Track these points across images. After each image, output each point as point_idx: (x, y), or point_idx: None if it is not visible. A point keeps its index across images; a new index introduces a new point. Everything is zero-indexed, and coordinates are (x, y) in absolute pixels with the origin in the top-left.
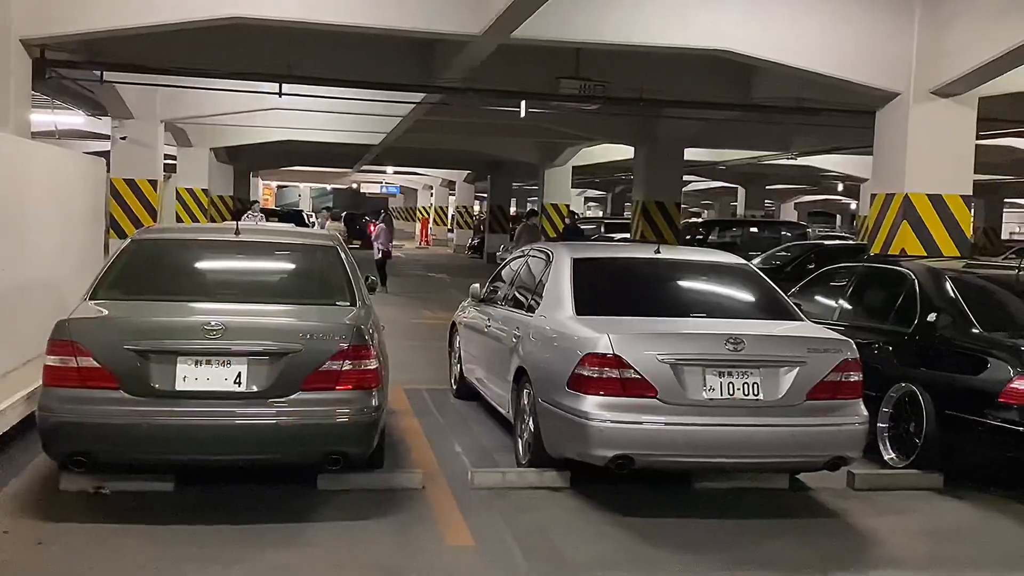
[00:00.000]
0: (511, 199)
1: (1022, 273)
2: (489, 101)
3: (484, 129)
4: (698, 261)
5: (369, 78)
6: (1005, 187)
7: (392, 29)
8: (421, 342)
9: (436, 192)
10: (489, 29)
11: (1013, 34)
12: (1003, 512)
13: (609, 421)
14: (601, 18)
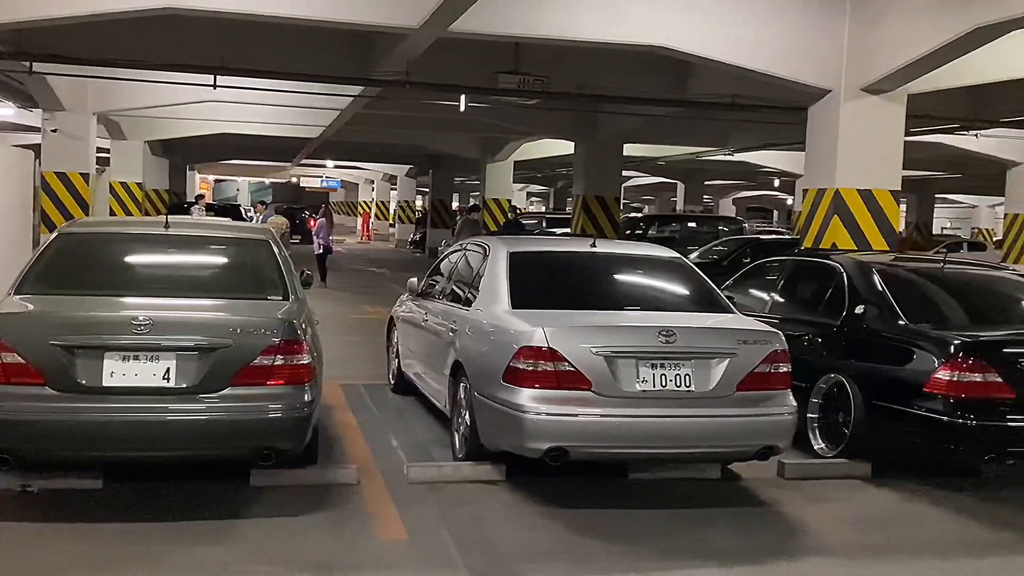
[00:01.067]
0: (453, 194)
1: (947, 267)
2: (428, 95)
3: (425, 123)
4: (633, 255)
5: (306, 71)
6: (935, 183)
7: (328, 21)
8: (360, 337)
9: (378, 186)
10: (426, 22)
11: (939, 32)
12: (928, 500)
13: (544, 414)
14: (539, 13)
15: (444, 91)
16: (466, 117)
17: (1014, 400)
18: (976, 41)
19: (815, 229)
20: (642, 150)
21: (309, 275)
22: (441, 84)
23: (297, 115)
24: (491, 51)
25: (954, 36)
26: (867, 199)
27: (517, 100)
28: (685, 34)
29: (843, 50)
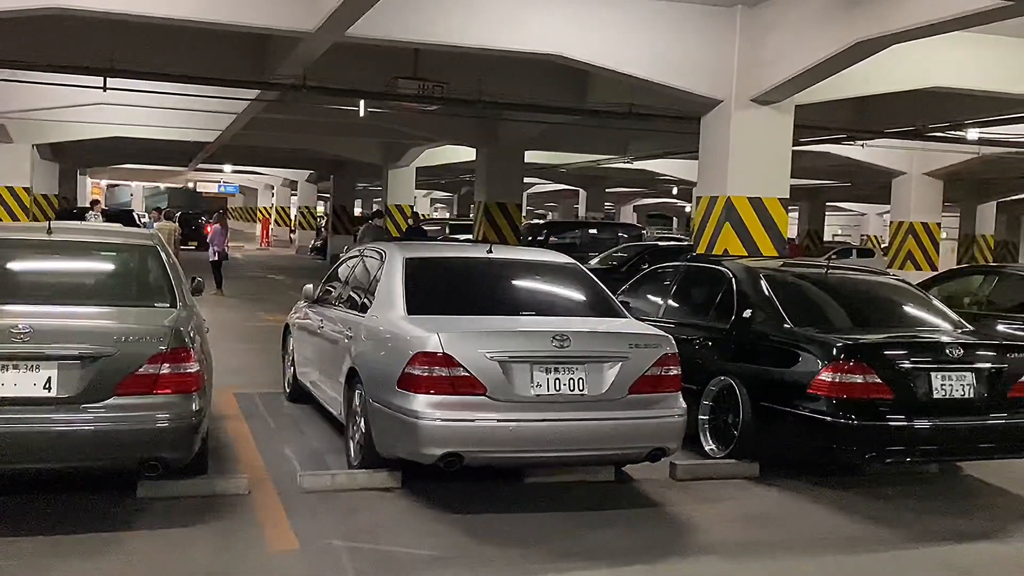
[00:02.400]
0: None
1: (830, 272)
2: (326, 99)
3: (325, 128)
4: (529, 261)
5: (201, 73)
6: (826, 191)
7: (223, 24)
8: (256, 345)
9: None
10: (323, 26)
11: (824, 46)
12: (812, 498)
13: (439, 419)
14: (437, 19)
15: (343, 96)
16: (367, 122)
17: (893, 400)
18: (858, 54)
19: (708, 235)
20: (544, 157)
21: (200, 282)
22: (339, 89)
23: (192, 118)
24: (390, 56)
25: (837, 50)
26: (757, 206)
27: (417, 106)
28: (581, 43)
29: (734, 62)
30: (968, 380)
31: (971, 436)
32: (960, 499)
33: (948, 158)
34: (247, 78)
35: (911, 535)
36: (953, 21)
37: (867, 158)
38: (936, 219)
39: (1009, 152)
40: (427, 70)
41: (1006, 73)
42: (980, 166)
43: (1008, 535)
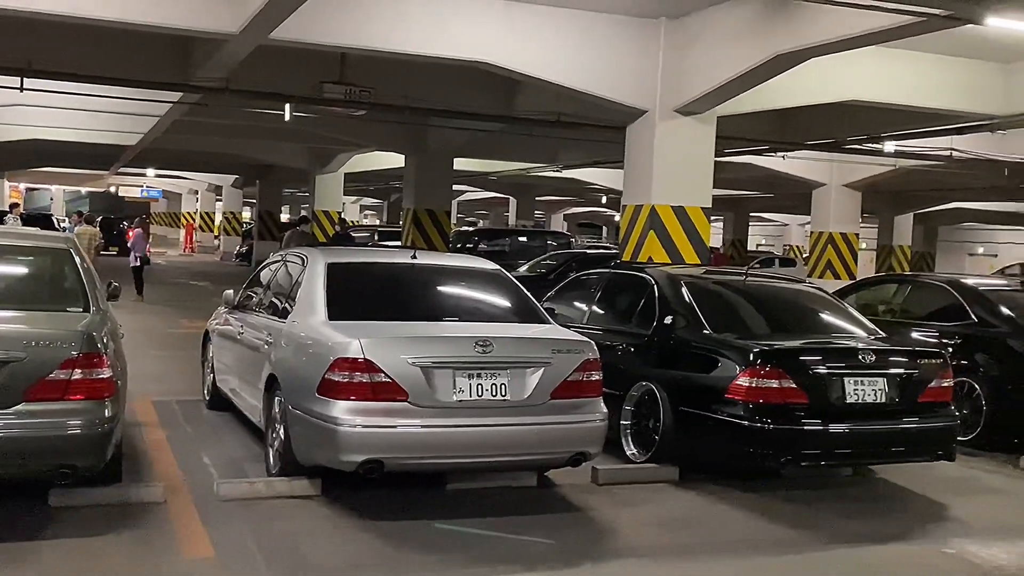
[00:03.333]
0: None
1: (749, 279)
2: (250, 103)
3: (251, 132)
4: (453, 267)
5: (122, 75)
6: (750, 202)
7: (144, 24)
8: (176, 352)
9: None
10: (246, 28)
11: (744, 58)
12: (730, 501)
13: (359, 426)
14: (364, 24)
15: (267, 99)
16: (294, 127)
17: (808, 405)
18: (778, 67)
19: (633, 243)
20: (473, 165)
21: (116, 286)
22: (264, 92)
23: (114, 121)
24: (317, 60)
25: (757, 62)
26: (680, 215)
27: (344, 111)
28: (508, 51)
29: (658, 73)
30: (880, 385)
31: (884, 440)
32: (872, 501)
33: (866, 170)
34: (170, 80)
35: (825, 537)
36: (865, 36)
37: (788, 169)
38: (855, 229)
39: (924, 165)
40: (354, 75)
41: (921, 88)
42: (897, 178)
43: (917, 536)
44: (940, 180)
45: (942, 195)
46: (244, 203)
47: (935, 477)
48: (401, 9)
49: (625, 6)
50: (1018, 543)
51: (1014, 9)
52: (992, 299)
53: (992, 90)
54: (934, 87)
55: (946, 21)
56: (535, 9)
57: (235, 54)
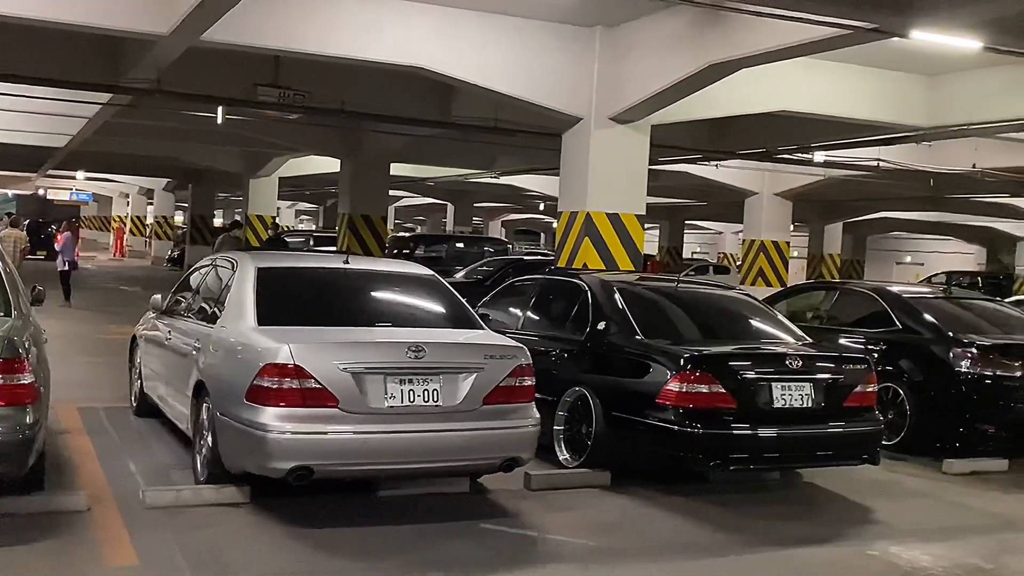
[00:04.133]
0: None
1: (680, 286)
2: (182, 105)
3: (183, 135)
4: (386, 272)
5: (50, 75)
6: (685, 210)
7: (73, 24)
8: (104, 358)
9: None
10: (176, 29)
11: (678, 68)
12: (661, 505)
13: (288, 432)
14: (298, 26)
15: (199, 102)
16: (227, 130)
17: (736, 410)
18: (711, 77)
19: (568, 250)
20: (411, 170)
21: (41, 291)
22: (196, 94)
23: (42, 122)
24: (251, 63)
25: (691, 72)
26: (615, 222)
27: (278, 114)
28: (443, 57)
29: (593, 81)
30: (807, 390)
31: (810, 444)
32: (799, 505)
33: (797, 179)
34: (99, 81)
35: (752, 540)
36: (795, 48)
37: (721, 178)
38: (786, 238)
39: (852, 175)
40: (289, 78)
41: (848, 99)
42: (827, 188)
43: (843, 539)
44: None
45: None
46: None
47: (860, 480)
48: (336, 13)
49: (561, 14)
50: (939, 544)
51: (938, 23)
52: (916, 307)
53: (917, 102)
54: (861, 99)
55: (873, 34)
56: (471, 15)
57: (166, 55)
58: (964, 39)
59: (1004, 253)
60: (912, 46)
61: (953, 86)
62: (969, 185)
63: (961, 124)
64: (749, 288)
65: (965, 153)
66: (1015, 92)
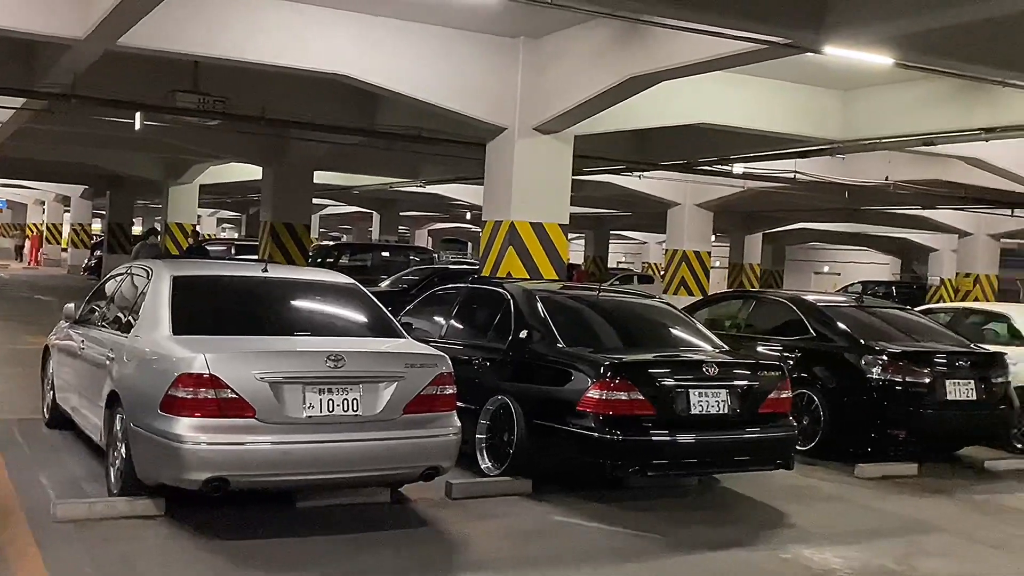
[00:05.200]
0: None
1: (601, 295)
2: (99, 110)
3: (101, 141)
4: (305, 280)
5: None
6: (610, 220)
7: None
8: (17, 369)
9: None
10: (92, 33)
11: (600, 79)
12: (582, 512)
13: (204, 443)
14: (217, 32)
15: (116, 107)
16: (145, 136)
17: (655, 416)
18: (632, 89)
19: (492, 259)
20: (335, 178)
21: None
22: (113, 100)
23: None
24: (169, 68)
25: (612, 83)
26: (539, 231)
27: (197, 120)
28: (366, 65)
29: (517, 91)
30: (723, 397)
31: (727, 449)
32: (716, 510)
33: (718, 191)
34: (12, 85)
35: (670, 544)
36: (713, 61)
37: (645, 189)
38: (707, 248)
39: (771, 186)
40: (209, 84)
41: (766, 113)
42: (746, 199)
43: (757, 542)
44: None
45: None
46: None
47: (776, 485)
48: (256, 19)
49: (486, 25)
50: (850, 548)
51: (850, 39)
52: (830, 315)
53: (832, 116)
54: (778, 112)
55: (788, 49)
56: (395, 24)
57: (82, 60)
58: (875, 55)
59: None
60: (827, 62)
61: (865, 101)
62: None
63: (873, 138)
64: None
65: (878, 166)
66: (924, 107)
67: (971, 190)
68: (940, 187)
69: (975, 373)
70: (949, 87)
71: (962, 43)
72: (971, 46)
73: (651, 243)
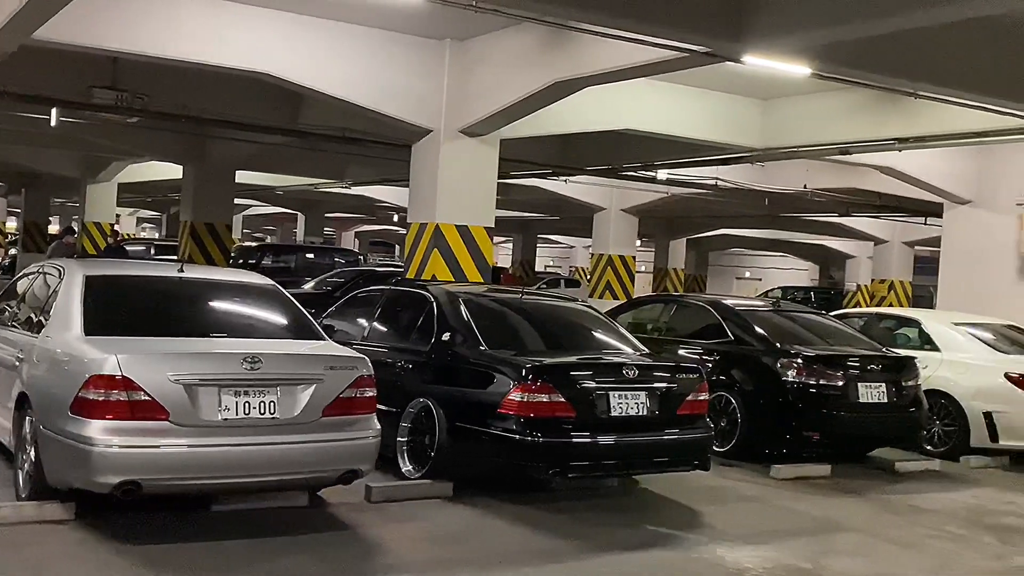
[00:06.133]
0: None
1: (525, 298)
2: (12, 106)
3: (15, 137)
4: (223, 281)
5: None
6: (538, 224)
7: None
8: None
9: None
10: (6, 26)
11: (525, 83)
12: (502, 515)
13: (115, 446)
14: (136, 27)
15: (31, 103)
16: (62, 133)
17: (575, 418)
18: (557, 94)
19: (417, 261)
20: (259, 178)
21: None
22: (27, 95)
23: None
24: (88, 64)
25: (537, 88)
26: (464, 234)
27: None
28: (289, 63)
29: (443, 93)
30: (642, 399)
31: (646, 451)
32: (635, 511)
33: (642, 196)
34: None
35: (589, 546)
36: (636, 68)
37: (571, 193)
38: (632, 252)
39: (693, 192)
40: (129, 80)
41: (687, 120)
42: (670, 205)
43: (674, 542)
44: (709, 208)
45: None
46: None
47: (694, 486)
48: (177, 14)
49: (412, 26)
50: (764, 547)
51: (768, 49)
52: (747, 319)
53: (751, 124)
54: (700, 120)
55: (707, 58)
56: (320, 23)
57: None
58: (793, 65)
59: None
60: (747, 71)
61: (784, 110)
62: (801, 205)
63: (791, 146)
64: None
65: (797, 174)
66: (840, 118)
67: (886, 199)
68: (856, 195)
69: (887, 376)
70: (864, 98)
71: (876, 55)
72: (884, 58)
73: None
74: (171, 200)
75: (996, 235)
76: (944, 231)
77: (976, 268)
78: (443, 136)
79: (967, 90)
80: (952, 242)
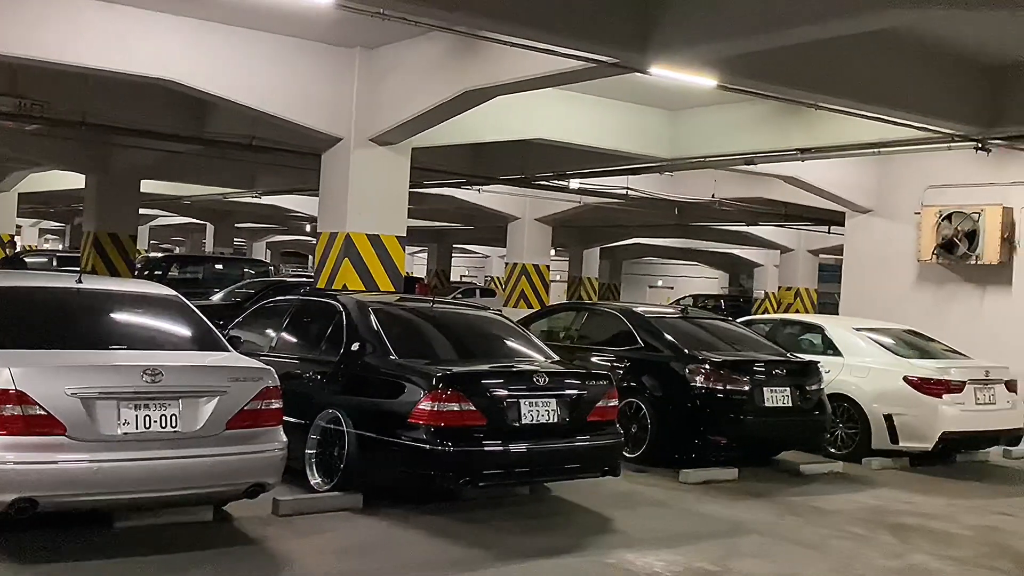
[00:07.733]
0: None
1: (435, 307)
2: None
3: None
4: (123, 292)
5: None
6: (453, 234)
7: None
8: None
9: None
10: None
11: (435, 93)
12: (413, 525)
13: (9, 463)
14: (35, 33)
15: None
16: None
17: (486, 427)
18: (468, 103)
19: (328, 271)
20: (165, 187)
21: None
22: None
23: None
24: None
25: (448, 97)
26: (375, 243)
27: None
28: (194, 70)
29: (352, 101)
30: (552, 406)
31: (557, 458)
32: (547, 518)
33: (556, 206)
34: None
35: (500, 554)
36: (545, 78)
37: (485, 203)
38: (546, 261)
39: (605, 202)
40: (27, 86)
41: (599, 130)
42: (583, 214)
43: (584, 548)
44: (621, 217)
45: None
46: None
47: (605, 492)
48: (77, 20)
49: (320, 33)
50: (672, 551)
51: (674, 61)
52: (656, 326)
53: (660, 135)
54: (610, 130)
55: (615, 68)
56: (225, 29)
57: None
58: (699, 76)
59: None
60: (655, 83)
61: (691, 121)
62: (710, 214)
63: (698, 156)
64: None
65: (705, 184)
66: (744, 128)
67: (791, 208)
68: (762, 205)
69: (791, 381)
70: (768, 110)
71: (778, 68)
72: (786, 71)
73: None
74: (75, 210)
75: (895, 243)
76: (846, 239)
77: (877, 275)
78: (353, 144)
79: (865, 102)
80: (854, 250)
